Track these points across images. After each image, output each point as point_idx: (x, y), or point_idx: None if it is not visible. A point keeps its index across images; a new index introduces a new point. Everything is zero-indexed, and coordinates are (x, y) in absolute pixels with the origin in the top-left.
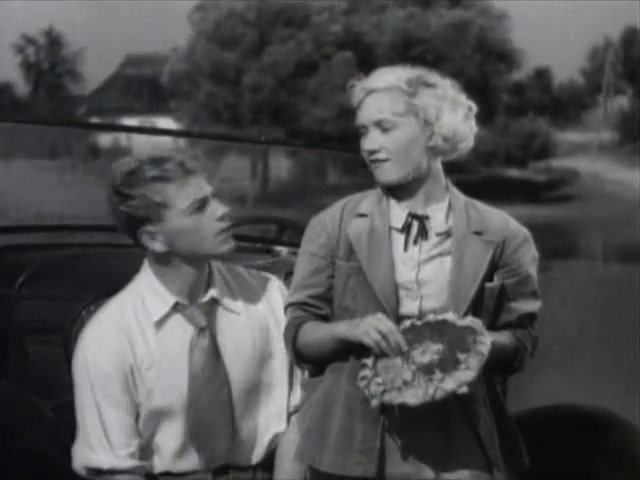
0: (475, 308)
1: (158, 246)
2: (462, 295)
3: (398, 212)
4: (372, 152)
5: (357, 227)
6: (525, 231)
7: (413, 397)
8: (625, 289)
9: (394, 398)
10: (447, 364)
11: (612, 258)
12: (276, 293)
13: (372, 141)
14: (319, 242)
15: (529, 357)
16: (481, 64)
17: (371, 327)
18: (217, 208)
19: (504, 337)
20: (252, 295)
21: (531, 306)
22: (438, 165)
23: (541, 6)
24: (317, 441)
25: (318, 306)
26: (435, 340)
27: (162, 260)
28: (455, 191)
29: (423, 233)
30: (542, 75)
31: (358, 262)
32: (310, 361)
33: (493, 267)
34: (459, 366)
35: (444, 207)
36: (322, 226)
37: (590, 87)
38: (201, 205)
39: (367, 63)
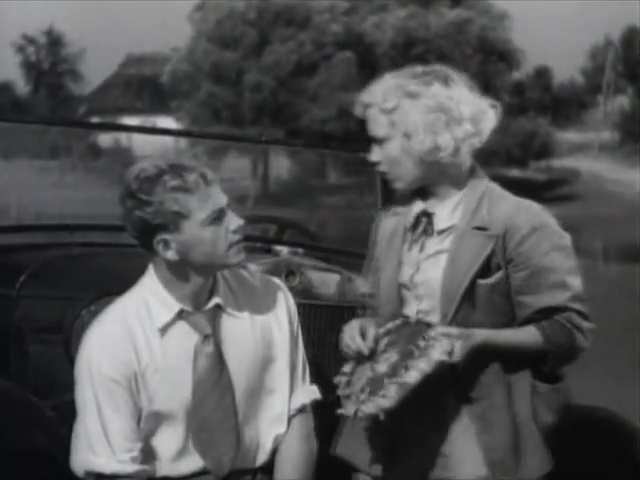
0: (468, 306)
1: (171, 255)
2: (452, 294)
3: (413, 211)
4: (376, 164)
5: (385, 226)
6: (535, 222)
7: (348, 409)
8: (625, 288)
9: (345, 408)
10: (377, 384)
11: (612, 257)
12: (279, 296)
13: (373, 154)
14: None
15: (572, 352)
16: (482, 64)
17: (345, 334)
18: (232, 220)
19: (522, 334)
20: (256, 299)
21: (551, 299)
22: (453, 161)
23: (542, 6)
24: (345, 431)
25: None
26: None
27: (171, 268)
28: (474, 185)
29: (429, 230)
30: (542, 75)
31: (377, 261)
32: None
33: (494, 262)
34: (379, 392)
35: (451, 204)
36: (376, 225)
37: (590, 87)
38: (218, 216)
39: (367, 63)
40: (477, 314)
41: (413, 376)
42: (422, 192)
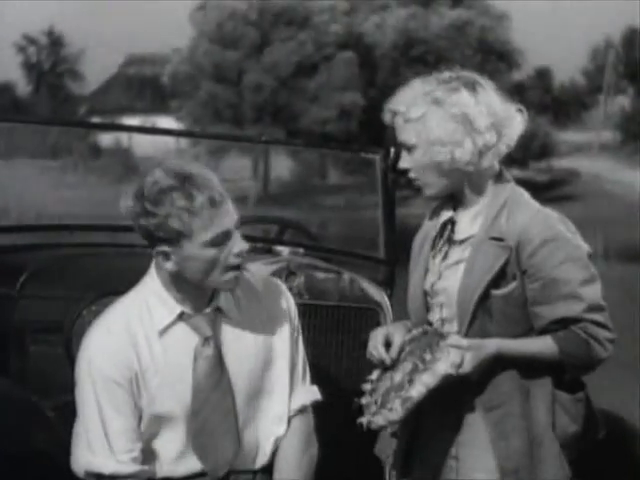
0: (484, 316)
1: (170, 266)
2: (467, 303)
3: (441, 219)
4: (405, 171)
5: (420, 232)
6: (547, 234)
7: (364, 419)
8: (626, 289)
9: (364, 417)
10: (388, 396)
11: (613, 257)
12: (279, 297)
13: (402, 161)
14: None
15: (590, 362)
16: (482, 64)
17: (370, 342)
18: (236, 244)
19: (537, 344)
20: (256, 301)
21: (565, 310)
22: (477, 169)
23: (542, 6)
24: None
25: None
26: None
27: (172, 274)
28: (497, 192)
29: (452, 239)
30: (543, 75)
31: (408, 268)
32: None
33: (509, 273)
34: (387, 405)
35: (472, 213)
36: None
37: (591, 87)
38: (223, 239)
39: (368, 63)
40: (493, 324)
41: (417, 390)
42: (453, 199)
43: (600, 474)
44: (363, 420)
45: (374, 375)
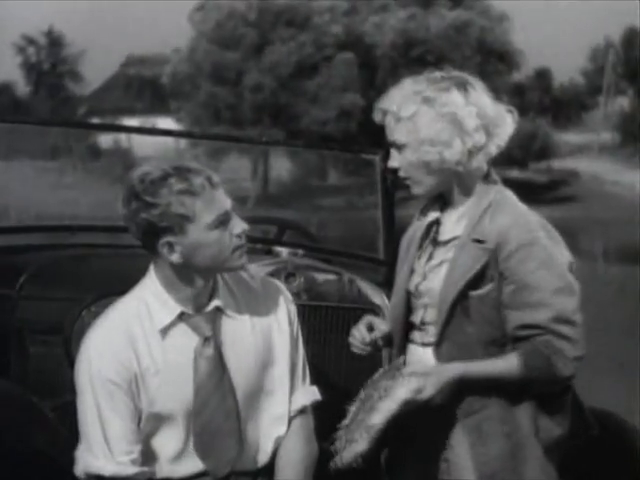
0: (462, 317)
1: (176, 257)
2: (445, 304)
3: (427, 219)
4: (395, 170)
5: (408, 232)
6: (524, 238)
7: (333, 462)
8: (625, 289)
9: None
10: (353, 431)
11: (612, 258)
12: (279, 298)
13: (392, 160)
14: None
15: (552, 380)
16: (481, 65)
17: (352, 331)
18: (236, 224)
19: (501, 364)
20: (255, 301)
21: (531, 317)
22: (466, 169)
23: (541, 7)
24: None
25: None
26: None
27: (174, 270)
28: (483, 193)
29: (436, 240)
30: (542, 76)
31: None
32: None
33: (488, 274)
34: (350, 437)
35: (457, 214)
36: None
37: (590, 88)
38: (224, 220)
39: (368, 64)
40: (471, 325)
41: (378, 418)
42: (441, 199)
43: (599, 474)
44: (332, 463)
45: (353, 407)
